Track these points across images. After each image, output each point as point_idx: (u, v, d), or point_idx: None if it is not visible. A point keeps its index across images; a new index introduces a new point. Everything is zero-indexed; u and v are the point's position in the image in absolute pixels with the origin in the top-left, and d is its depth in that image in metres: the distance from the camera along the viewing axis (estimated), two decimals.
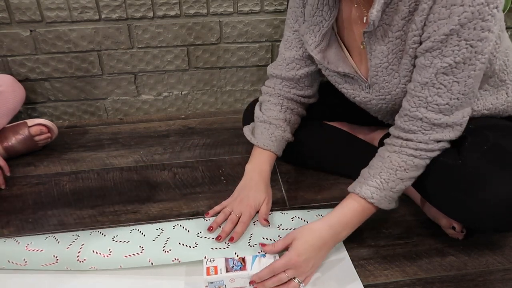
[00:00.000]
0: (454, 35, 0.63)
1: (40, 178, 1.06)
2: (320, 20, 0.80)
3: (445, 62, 0.65)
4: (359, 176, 0.77)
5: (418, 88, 0.69)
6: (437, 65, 0.66)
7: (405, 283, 0.74)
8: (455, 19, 0.61)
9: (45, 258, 0.74)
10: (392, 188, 0.72)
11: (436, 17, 0.63)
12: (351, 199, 0.74)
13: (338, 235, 0.73)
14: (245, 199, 0.83)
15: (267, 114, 0.93)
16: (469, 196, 0.68)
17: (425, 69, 0.67)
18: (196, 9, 1.23)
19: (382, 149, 0.76)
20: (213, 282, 0.70)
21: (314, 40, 0.83)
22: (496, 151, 0.70)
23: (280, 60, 0.93)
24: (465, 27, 0.62)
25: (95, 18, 1.19)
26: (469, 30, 0.62)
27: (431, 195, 0.78)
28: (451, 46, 0.64)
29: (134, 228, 0.81)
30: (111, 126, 1.33)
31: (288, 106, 0.94)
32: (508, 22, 1.34)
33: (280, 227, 0.82)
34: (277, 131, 0.91)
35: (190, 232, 0.80)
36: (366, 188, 0.73)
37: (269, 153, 0.90)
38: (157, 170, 1.09)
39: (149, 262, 0.74)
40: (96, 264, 0.74)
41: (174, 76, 1.34)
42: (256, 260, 0.71)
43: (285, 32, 0.92)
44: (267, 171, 0.89)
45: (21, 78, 1.25)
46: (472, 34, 0.62)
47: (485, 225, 0.71)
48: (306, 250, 0.69)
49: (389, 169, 0.73)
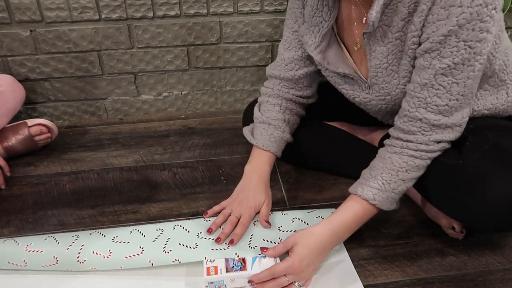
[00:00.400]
0: (452, 36, 0.63)
1: (40, 178, 1.06)
2: (320, 21, 0.80)
3: (444, 63, 0.65)
4: (360, 177, 0.77)
5: (417, 89, 0.69)
6: (436, 66, 0.66)
7: (405, 283, 0.74)
8: (453, 20, 0.61)
9: (45, 259, 0.74)
10: (394, 189, 0.72)
11: (435, 18, 0.63)
12: (352, 201, 0.74)
13: (339, 238, 0.74)
14: (244, 200, 0.83)
15: (266, 114, 0.93)
16: (469, 195, 0.68)
17: (424, 70, 0.68)
18: (196, 9, 1.23)
19: (383, 150, 0.76)
20: (213, 282, 0.69)
21: (314, 41, 0.82)
22: (496, 150, 0.70)
23: (279, 60, 0.93)
24: (463, 28, 0.62)
25: (95, 18, 1.19)
26: (468, 31, 0.62)
27: (432, 195, 0.78)
28: (449, 47, 0.64)
29: (134, 229, 0.81)
30: (111, 126, 1.33)
31: (287, 107, 0.94)
32: (508, 22, 1.34)
33: (280, 229, 0.82)
34: (276, 132, 0.91)
35: (190, 232, 0.80)
36: (368, 190, 0.73)
37: (269, 154, 0.90)
38: (157, 170, 1.09)
39: (149, 263, 0.74)
40: (96, 265, 0.74)
41: (174, 76, 1.34)
42: (256, 261, 0.71)
43: (284, 33, 0.91)
44: (267, 171, 0.89)
45: (21, 78, 1.25)
46: (470, 35, 0.62)
47: (486, 225, 0.71)
48: (308, 255, 0.69)
49: (390, 170, 0.72)
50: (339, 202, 0.79)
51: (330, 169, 1.03)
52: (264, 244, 0.78)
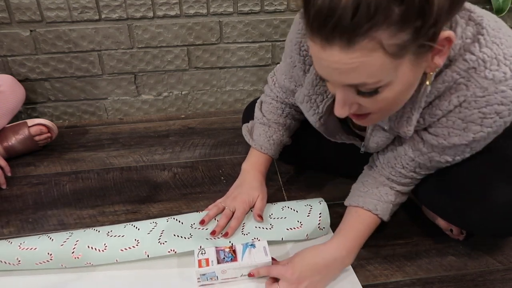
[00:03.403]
0: (462, 146, 0.63)
1: (40, 178, 1.06)
2: (324, 90, 0.72)
3: (444, 159, 0.66)
4: (355, 190, 0.77)
5: (411, 164, 0.71)
6: (435, 158, 0.67)
7: (405, 283, 0.74)
8: (469, 136, 0.60)
9: (39, 256, 0.74)
10: (392, 200, 0.74)
11: (450, 124, 0.61)
12: (354, 215, 0.74)
13: (344, 258, 0.71)
14: (239, 196, 0.83)
15: (267, 116, 0.92)
16: (468, 202, 0.67)
17: (422, 156, 0.68)
18: (196, 9, 1.23)
19: (373, 170, 0.77)
20: (205, 274, 0.70)
21: (317, 111, 0.75)
22: (495, 156, 0.68)
23: (277, 78, 0.87)
24: (477, 142, 0.62)
25: (95, 18, 1.19)
26: (480, 143, 0.63)
27: (430, 202, 0.78)
28: (455, 151, 0.65)
29: (128, 223, 0.81)
30: (111, 126, 1.33)
31: (289, 112, 0.92)
32: (508, 22, 1.34)
33: (271, 217, 0.83)
34: (276, 135, 0.90)
35: (184, 224, 0.81)
36: (369, 202, 0.73)
37: (266, 156, 0.90)
38: (157, 170, 1.09)
39: (145, 255, 0.74)
40: (91, 259, 0.74)
41: (174, 76, 1.34)
42: (246, 251, 0.73)
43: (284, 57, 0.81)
44: (263, 172, 0.89)
45: (21, 78, 1.25)
46: (482, 144, 0.63)
47: (486, 230, 0.70)
48: (302, 270, 0.68)
49: (384, 185, 0.75)
50: (339, 202, 0.79)
51: (330, 169, 1.03)
52: (256, 230, 0.79)
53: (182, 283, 0.73)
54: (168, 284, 0.73)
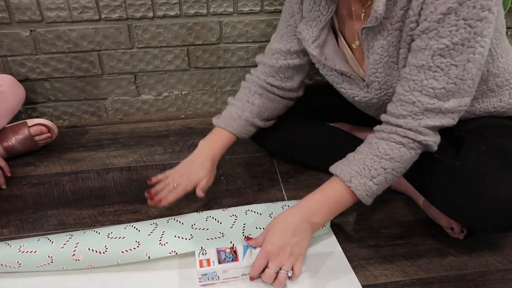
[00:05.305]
0: (452, 13, 0.60)
1: (40, 178, 1.06)
2: (318, 15, 0.80)
3: (442, 43, 0.62)
4: (344, 158, 0.76)
5: (413, 71, 0.67)
6: (433, 47, 0.63)
7: (405, 283, 0.74)
8: None
9: (40, 259, 0.74)
10: (373, 177, 0.70)
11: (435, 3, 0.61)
12: (329, 181, 0.75)
13: (309, 218, 0.73)
14: (185, 174, 0.86)
15: (235, 98, 0.96)
16: (468, 196, 0.68)
17: (421, 52, 0.65)
18: (196, 9, 1.23)
19: (371, 136, 0.75)
20: (206, 274, 0.70)
21: (312, 35, 0.82)
22: (495, 150, 0.69)
23: (267, 49, 0.95)
24: (463, 5, 0.59)
25: (95, 18, 1.19)
26: (468, 8, 0.59)
27: (431, 196, 0.78)
28: (448, 26, 0.61)
29: (128, 225, 0.81)
30: (111, 126, 1.33)
31: (256, 91, 0.94)
32: (508, 22, 1.34)
33: (271, 216, 0.83)
34: (235, 111, 0.92)
35: (185, 224, 0.81)
36: (347, 171, 0.72)
37: (227, 133, 0.91)
38: (157, 170, 1.09)
39: (146, 256, 0.74)
40: (92, 261, 0.74)
41: (174, 76, 1.34)
42: (247, 252, 0.73)
43: (279, 24, 0.92)
44: (218, 150, 0.90)
45: (21, 78, 1.25)
46: (471, 12, 0.59)
47: (484, 225, 0.71)
48: (279, 238, 0.70)
49: (374, 155, 0.71)
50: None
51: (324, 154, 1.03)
52: (257, 231, 0.79)
53: (183, 284, 0.72)
54: (169, 285, 0.72)
